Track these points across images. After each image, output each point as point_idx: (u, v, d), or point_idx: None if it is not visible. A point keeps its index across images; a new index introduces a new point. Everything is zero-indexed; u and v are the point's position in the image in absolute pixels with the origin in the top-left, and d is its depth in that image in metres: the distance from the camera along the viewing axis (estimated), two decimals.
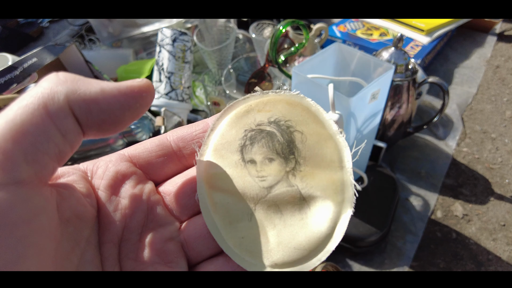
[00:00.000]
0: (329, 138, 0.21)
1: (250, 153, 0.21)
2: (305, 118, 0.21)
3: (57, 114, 0.15)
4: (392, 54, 0.71)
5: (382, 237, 0.67)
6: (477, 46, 1.20)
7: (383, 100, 0.60)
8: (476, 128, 0.94)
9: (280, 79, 0.85)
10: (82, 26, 1.18)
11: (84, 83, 0.17)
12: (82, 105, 0.16)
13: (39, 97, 0.15)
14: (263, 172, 0.21)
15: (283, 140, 0.21)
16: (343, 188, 0.20)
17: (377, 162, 0.78)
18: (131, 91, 0.17)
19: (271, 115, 0.21)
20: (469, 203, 0.77)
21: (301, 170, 0.20)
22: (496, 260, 0.68)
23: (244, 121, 0.21)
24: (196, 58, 0.97)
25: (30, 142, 0.15)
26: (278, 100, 0.22)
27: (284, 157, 0.21)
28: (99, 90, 0.17)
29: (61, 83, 0.16)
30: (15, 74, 0.76)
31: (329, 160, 0.20)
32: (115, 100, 0.17)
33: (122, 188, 0.20)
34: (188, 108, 0.79)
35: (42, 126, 0.15)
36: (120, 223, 0.19)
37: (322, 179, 0.20)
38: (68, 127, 0.16)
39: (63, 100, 0.16)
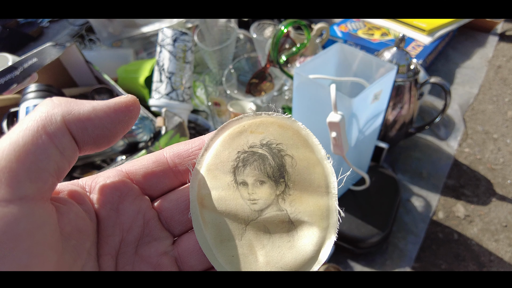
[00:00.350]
0: (318, 164, 0.22)
1: (243, 175, 0.22)
2: (295, 142, 0.22)
3: (55, 134, 0.17)
4: (394, 55, 0.71)
5: (383, 238, 0.67)
6: (479, 46, 1.19)
7: (385, 100, 0.60)
8: (478, 129, 0.94)
9: (281, 79, 0.85)
10: (82, 26, 1.17)
11: (77, 104, 0.18)
12: (77, 123, 0.18)
13: (38, 119, 0.17)
14: (255, 195, 0.22)
15: (274, 163, 0.22)
16: (328, 214, 0.21)
17: (378, 163, 0.78)
18: (119, 106, 0.19)
19: (263, 137, 0.22)
20: (471, 204, 0.77)
21: (290, 194, 0.21)
22: (498, 261, 0.68)
23: (237, 142, 0.22)
24: (197, 58, 0.97)
25: (32, 161, 0.16)
26: (270, 122, 0.22)
27: (275, 180, 0.22)
28: (91, 108, 0.18)
29: (56, 106, 0.18)
30: (15, 74, 0.76)
31: (317, 185, 0.21)
32: (106, 116, 0.19)
33: (121, 204, 0.21)
34: (189, 109, 0.79)
35: (42, 146, 0.17)
36: (117, 237, 0.21)
37: (309, 204, 0.21)
38: (65, 145, 0.18)
39: (60, 120, 0.18)
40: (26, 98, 0.71)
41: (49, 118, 0.17)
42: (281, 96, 0.92)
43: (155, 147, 0.62)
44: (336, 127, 0.51)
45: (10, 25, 1.20)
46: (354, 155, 0.63)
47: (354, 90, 0.64)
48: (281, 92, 0.93)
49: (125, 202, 0.21)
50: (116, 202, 0.21)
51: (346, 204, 0.69)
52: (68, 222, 0.18)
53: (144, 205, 0.22)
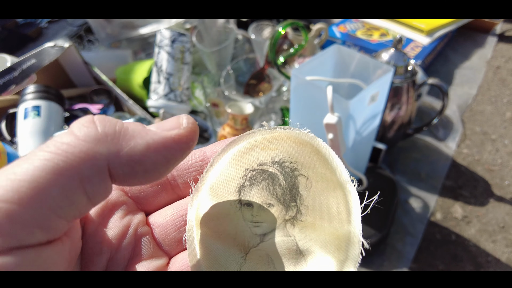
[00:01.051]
0: (338, 187, 0.19)
1: (248, 195, 0.19)
2: (313, 161, 0.19)
3: (90, 179, 0.14)
4: (391, 56, 0.71)
5: (381, 239, 0.67)
6: (478, 47, 1.20)
7: (382, 102, 0.60)
8: (476, 130, 0.94)
9: (279, 80, 0.85)
10: (81, 27, 1.18)
11: (127, 139, 0.15)
12: (125, 167, 0.14)
13: (73, 154, 0.13)
14: (259, 217, 0.19)
15: (285, 184, 0.19)
16: (348, 245, 0.18)
17: (376, 164, 0.78)
18: (179, 142, 0.16)
19: (276, 154, 0.20)
20: (469, 205, 0.77)
21: (302, 220, 0.18)
22: (495, 262, 0.68)
23: (246, 158, 0.20)
24: (196, 59, 0.97)
25: (50, 207, 0.13)
26: (285, 137, 0.20)
27: (285, 204, 0.19)
28: (145, 147, 0.15)
29: (101, 140, 0.14)
30: (13, 76, 0.76)
31: (336, 212, 0.18)
32: (161, 157, 0.15)
33: (111, 218, 0.19)
34: (187, 110, 0.79)
35: (68, 191, 0.13)
36: (105, 255, 0.18)
37: (324, 233, 0.18)
38: (98, 192, 0.14)
39: (103, 165, 0.14)
40: (24, 99, 0.71)
41: (90, 157, 0.14)
42: (280, 97, 0.92)
43: None
44: (333, 129, 0.51)
45: (9, 25, 1.20)
46: (352, 157, 0.63)
47: (352, 92, 0.64)
48: (279, 93, 0.93)
49: (115, 217, 0.19)
50: (105, 217, 0.18)
51: None
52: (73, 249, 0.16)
53: (136, 220, 0.19)
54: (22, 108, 0.70)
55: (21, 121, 0.68)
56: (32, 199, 0.12)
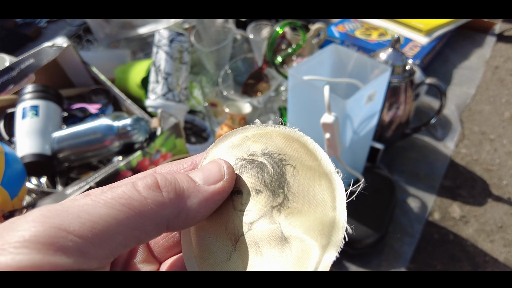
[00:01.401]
0: (324, 176, 0.20)
1: (238, 183, 0.20)
2: (300, 155, 0.20)
3: (149, 234, 0.16)
4: (389, 55, 0.71)
5: (379, 238, 0.67)
6: (477, 47, 1.19)
7: (379, 101, 0.60)
8: (475, 129, 0.94)
9: (277, 80, 0.85)
10: (80, 27, 1.18)
11: (184, 201, 0.18)
12: (181, 225, 0.18)
13: (142, 215, 0.16)
14: (248, 205, 0.20)
15: (273, 172, 0.20)
16: (332, 230, 0.18)
17: (374, 164, 0.78)
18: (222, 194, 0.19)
19: (266, 147, 0.21)
20: (467, 205, 0.77)
21: (289, 206, 0.19)
22: (493, 262, 0.68)
23: (238, 150, 0.21)
24: (194, 58, 0.97)
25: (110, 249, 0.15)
26: (275, 133, 0.21)
27: (273, 190, 0.20)
28: (198, 205, 0.18)
29: (165, 206, 0.17)
30: (12, 75, 0.76)
31: (321, 199, 0.19)
32: (209, 209, 0.19)
33: None
34: (185, 109, 0.79)
35: (128, 240, 0.16)
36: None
37: (309, 218, 0.19)
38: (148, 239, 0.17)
39: (164, 224, 0.17)
40: (23, 99, 0.71)
41: (154, 221, 0.16)
42: (278, 97, 0.92)
43: (151, 148, 0.62)
44: (329, 128, 0.51)
45: (8, 25, 1.20)
46: (349, 156, 0.63)
47: (350, 91, 0.64)
48: (278, 92, 0.94)
49: None
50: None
51: None
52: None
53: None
54: (20, 107, 0.70)
55: (19, 121, 0.68)
56: (100, 240, 0.15)
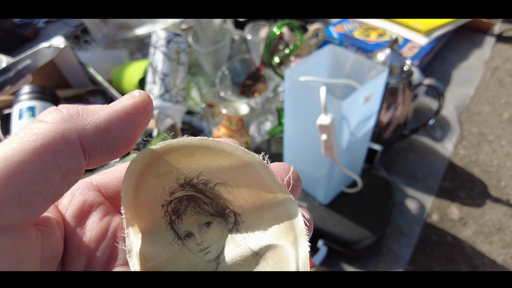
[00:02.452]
0: (249, 168, 0.18)
1: (183, 226, 0.18)
2: (210, 159, 0.18)
3: (62, 153, 0.15)
4: (387, 56, 0.70)
5: (376, 240, 0.67)
6: (476, 47, 1.19)
7: (376, 102, 0.60)
8: (473, 130, 0.93)
9: (275, 81, 0.85)
10: (77, 27, 1.17)
11: (90, 115, 0.16)
12: (95, 137, 0.16)
13: (44, 134, 0.14)
14: (205, 242, 0.18)
15: (208, 199, 0.18)
16: (292, 223, 0.17)
17: (372, 165, 0.78)
18: (137, 108, 0.17)
19: (176, 176, 0.18)
20: (465, 206, 0.77)
21: (243, 221, 0.18)
22: (491, 264, 0.68)
23: (152, 195, 0.18)
24: (192, 59, 0.97)
25: (26, 183, 0.14)
26: (169, 156, 0.18)
27: (220, 215, 0.18)
28: (108, 117, 0.16)
29: (68, 119, 0.15)
30: (8, 76, 0.76)
31: (265, 198, 0.18)
32: (125, 123, 0.16)
33: (88, 219, 0.18)
34: (182, 110, 0.79)
35: (42, 166, 0.14)
36: (83, 259, 0.18)
37: (267, 222, 0.18)
38: (71, 167, 0.15)
39: (74, 138, 0.15)
40: (19, 100, 0.71)
41: (60, 134, 0.15)
42: (276, 98, 0.92)
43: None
44: (326, 130, 0.51)
45: (6, 26, 1.20)
46: (346, 158, 0.63)
47: (347, 92, 0.64)
48: (276, 93, 0.93)
49: (93, 218, 0.18)
50: (83, 218, 0.18)
51: (339, 207, 0.69)
52: (49, 249, 0.16)
53: (114, 223, 0.19)
54: (17, 108, 0.69)
55: (15, 122, 0.68)
56: (8, 176, 0.13)
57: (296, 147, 0.67)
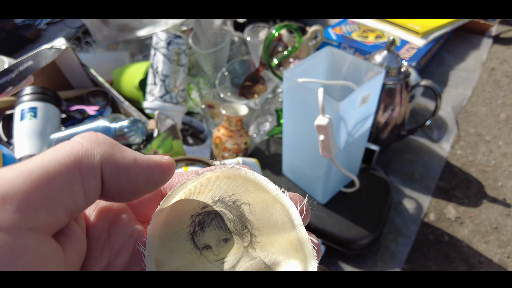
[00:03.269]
0: (275, 201, 0.21)
1: (203, 239, 0.20)
2: (247, 188, 0.21)
3: (87, 173, 0.16)
4: (384, 57, 0.71)
5: (374, 239, 0.68)
6: (473, 49, 1.20)
7: (374, 103, 0.61)
8: (471, 131, 0.94)
9: (274, 82, 0.86)
10: (79, 29, 1.18)
11: (120, 150, 0.18)
12: (113, 170, 0.17)
13: (75, 153, 0.16)
14: (222, 254, 0.20)
15: (233, 217, 0.21)
16: (302, 245, 0.20)
17: (370, 165, 0.78)
18: (160, 166, 0.19)
19: (214, 194, 0.21)
20: (462, 206, 0.78)
21: (258, 241, 0.20)
22: (487, 263, 0.69)
23: (188, 206, 0.21)
24: (192, 60, 0.98)
25: (55, 193, 0.15)
26: (215, 177, 0.22)
27: (239, 233, 0.20)
28: (133, 159, 0.18)
29: (100, 144, 0.17)
30: (10, 77, 0.77)
31: (281, 223, 0.21)
32: (143, 172, 0.18)
33: (113, 225, 0.20)
34: (182, 111, 0.80)
35: (70, 181, 0.15)
36: (104, 260, 0.19)
37: (280, 243, 0.20)
38: (92, 188, 0.16)
39: (98, 161, 0.16)
40: (21, 101, 0.72)
41: (88, 154, 0.16)
42: (275, 99, 0.93)
43: (147, 149, 0.63)
44: (323, 130, 0.52)
45: (8, 27, 1.21)
46: (344, 158, 0.64)
47: (345, 94, 0.65)
48: (275, 94, 0.94)
49: (118, 223, 0.20)
50: (109, 221, 0.19)
51: (337, 206, 0.70)
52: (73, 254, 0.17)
53: (136, 230, 0.20)
54: (19, 109, 0.70)
55: (17, 123, 0.69)
56: (42, 184, 0.15)
57: (295, 147, 0.68)
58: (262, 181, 0.22)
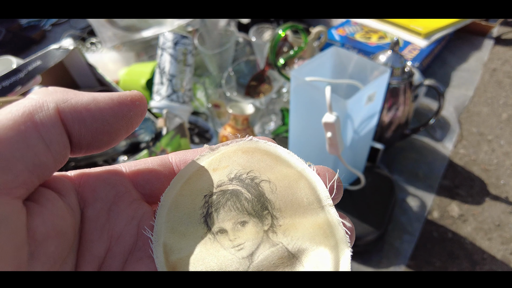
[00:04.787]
0: (300, 178, 0.18)
1: (217, 222, 0.18)
2: (267, 163, 0.19)
3: (43, 122, 0.15)
4: (389, 57, 0.72)
5: (379, 236, 0.69)
6: (475, 50, 1.21)
7: (379, 102, 0.62)
8: (473, 130, 0.95)
9: (279, 82, 0.87)
10: (83, 30, 1.20)
11: (75, 94, 0.16)
12: (73, 113, 0.16)
13: (26, 105, 0.15)
14: (239, 239, 0.17)
15: (251, 196, 0.18)
16: (332, 229, 0.17)
17: (374, 163, 0.79)
18: (124, 100, 0.17)
19: (230, 170, 0.19)
20: (465, 204, 0.79)
21: (281, 224, 0.18)
22: (490, 259, 0.70)
23: (201, 185, 0.19)
24: (197, 61, 0.99)
25: (6, 148, 0.14)
26: (231, 152, 0.19)
27: (258, 215, 0.18)
28: (91, 98, 0.16)
29: (51, 93, 0.16)
30: (19, 77, 0.78)
31: (307, 203, 0.18)
32: (108, 108, 0.16)
33: (114, 205, 0.18)
34: (189, 110, 0.81)
35: (23, 133, 0.14)
36: (104, 245, 0.17)
37: (306, 227, 0.17)
38: (54, 137, 0.15)
39: (53, 108, 0.15)
40: None
41: (40, 104, 0.15)
42: (280, 99, 0.94)
43: (157, 147, 0.64)
44: (331, 128, 0.53)
45: (13, 28, 1.22)
46: (350, 155, 0.65)
47: (350, 92, 0.66)
48: (280, 94, 0.95)
49: (120, 204, 0.18)
50: (109, 202, 0.18)
51: (342, 204, 0.71)
52: (42, 223, 0.15)
53: (141, 211, 0.18)
54: None
55: None
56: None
57: (301, 145, 0.69)
58: (284, 154, 0.19)
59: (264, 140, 0.19)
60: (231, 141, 0.20)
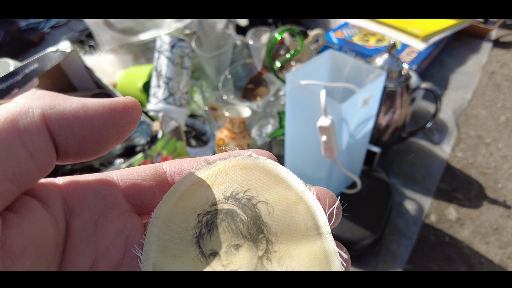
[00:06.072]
0: (299, 201, 0.18)
1: (210, 244, 0.17)
2: (265, 182, 0.18)
3: (27, 130, 0.14)
4: (385, 61, 0.72)
5: (375, 240, 0.68)
6: (473, 52, 1.21)
7: (375, 105, 0.62)
8: (471, 133, 0.95)
9: (276, 85, 0.87)
10: (82, 32, 1.20)
11: (64, 99, 0.15)
12: (61, 120, 0.15)
13: (10, 110, 0.14)
14: (231, 265, 0.17)
15: (246, 218, 0.17)
16: (328, 260, 0.17)
17: (371, 167, 0.79)
18: (116, 107, 0.16)
19: (226, 188, 0.18)
20: (463, 207, 0.78)
21: (275, 250, 0.17)
22: (488, 263, 0.69)
23: (194, 202, 0.18)
24: (195, 63, 0.99)
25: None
26: (228, 167, 0.18)
27: (253, 239, 0.17)
28: (81, 105, 0.15)
29: (38, 98, 0.15)
30: (16, 80, 0.78)
31: (304, 229, 0.17)
32: (98, 116, 0.15)
33: (102, 217, 0.17)
34: (186, 113, 0.81)
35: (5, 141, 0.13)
36: (89, 259, 0.16)
37: (301, 256, 0.17)
38: (38, 146, 0.14)
39: (38, 115, 0.14)
40: None
41: (25, 110, 0.14)
42: (277, 101, 0.94)
43: (152, 150, 0.64)
44: (326, 131, 0.53)
45: (12, 31, 1.22)
46: (346, 159, 0.65)
47: (347, 96, 0.66)
48: (277, 97, 0.95)
49: (108, 215, 0.17)
50: (97, 213, 0.17)
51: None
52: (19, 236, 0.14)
53: (130, 224, 0.17)
54: None
55: None
56: None
57: (297, 149, 0.68)
58: (284, 174, 0.18)
59: (264, 157, 0.19)
60: (229, 155, 0.19)
